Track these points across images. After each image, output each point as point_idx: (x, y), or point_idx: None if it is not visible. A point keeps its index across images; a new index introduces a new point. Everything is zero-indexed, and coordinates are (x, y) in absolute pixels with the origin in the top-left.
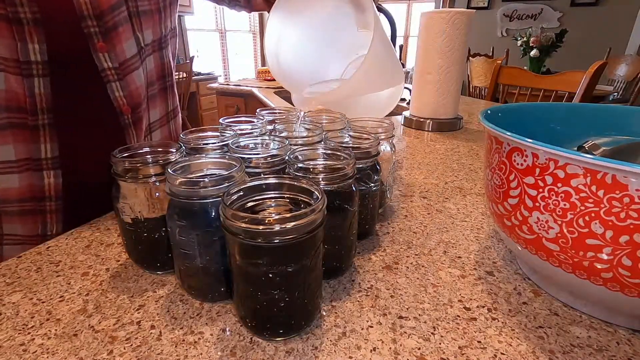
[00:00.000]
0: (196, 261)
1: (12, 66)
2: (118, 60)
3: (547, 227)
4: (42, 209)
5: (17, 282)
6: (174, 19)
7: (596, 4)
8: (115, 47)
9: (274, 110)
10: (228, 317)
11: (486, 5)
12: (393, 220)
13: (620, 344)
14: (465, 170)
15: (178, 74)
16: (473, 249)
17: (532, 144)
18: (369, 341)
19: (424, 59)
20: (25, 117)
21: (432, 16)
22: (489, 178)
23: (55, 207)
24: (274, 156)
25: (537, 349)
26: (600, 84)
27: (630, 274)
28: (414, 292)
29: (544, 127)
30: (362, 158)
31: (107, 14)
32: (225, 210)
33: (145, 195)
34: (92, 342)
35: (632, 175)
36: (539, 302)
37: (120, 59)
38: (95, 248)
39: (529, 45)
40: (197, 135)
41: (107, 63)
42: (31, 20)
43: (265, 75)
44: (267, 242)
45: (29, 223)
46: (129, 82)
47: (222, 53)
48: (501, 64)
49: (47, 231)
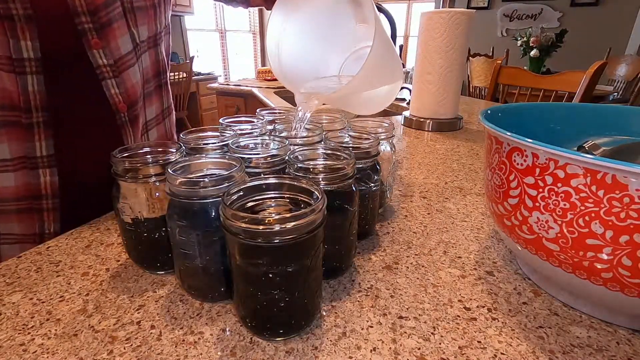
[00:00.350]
0: (196, 261)
1: (5, 63)
2: (113, 57)
3: (547, 227)
4: (38, 208)
5: (17, 282)
6: (168, 16)
7: (596, 4)
8: (110, 44)
9: (274, 110)
10: (228, 317)
11: (486, 5)
12: (393, 220)
13: (621, 344)
14: (465, 170)
15: (178, 73)
16: (473, 249)
17: (532, 144)
18: (369, 341)
19: (424, 59)
20: (19, 115)
21: (432, 16)
22: (489, 178)
23: (52, 205)
24: (274, 156)
25: (537, 349)
26: (600, 84)
27: (630, 274)
28: (414, 292)
29: (544, 127)
30: (362, 158)
31: (101, 9)
32: (225, 210)
33: (145, 195)
34: (92, 342)
35: (632, 175)
36: (539, 302)
37: (116, 55)
38: (95, 248)
39: (529, 45)
40: (197, 135)
41: (102, 60)
42: (23, 16)
43: (265, 75)
44: (267, 242)
45: (25, 222)
46: (124, 79)
47: (222, 53)
48: (501, 64)
49: (45, 230)
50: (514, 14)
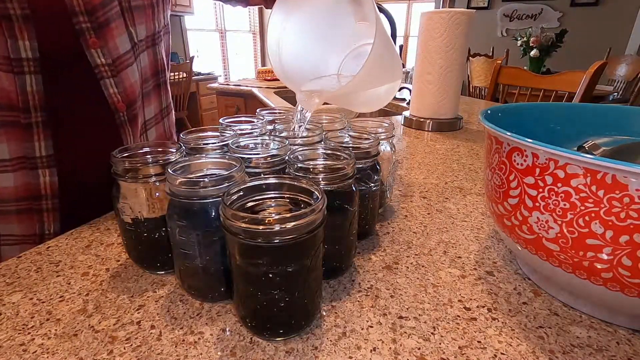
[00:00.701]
0: (196, 261)
1: (3, 63)
2: (111, 57)
3: (547, 227)
4: (38, 208)
5: (17, 282)
6: (167, 15)
7: (596, 4)
8: (108, 43)
9: (274, 110)
10: (228, 317)
11: (486, 5)
12: (393, 220)
13: (621, 344)
14: (465, 170)
15: (178, 73)
16: (473, 249)
17: (532, 144)
18: (369, 341)
19: (424, 59)
20: (18, 115)
21: (432, 16)
22: (489, 178)
23: (52, 205)
24: (274, 156)
25: (537, 349)
26: (600, 84)
27: (630, 274)
28: (414, 292)
29: (544, 127)
30: (362, 158)
31: (98, 9)
32: (225, 210)
33: (145, 195)
34: (92, 342)
35: (632, 175)
36: (539, 302)
37: (114, 55)
38: (95, 248)
39: (529, 45)
40: (197, 135)
41: (100, 59)
42: (20, 16)
43: (265, 75)
44: (267, 242)
45: (25, 222)
46: (123, 79)
47: (222, 53)
48: (501, 64)
49: (45, 230)
50: (514, 14)
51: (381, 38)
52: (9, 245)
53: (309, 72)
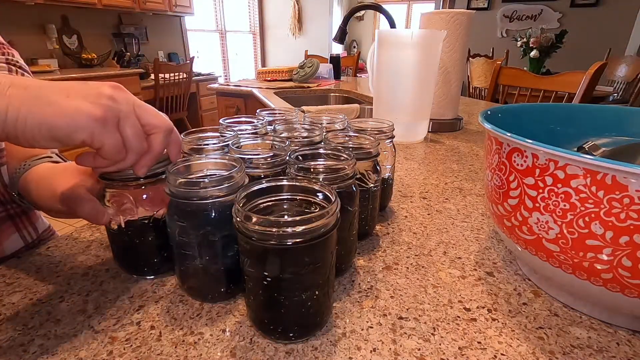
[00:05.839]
0: (196, 262)
1: None
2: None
3: (547, 227)
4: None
5: (17, 282)
6: None
7: (596, 4)
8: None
9: (274, 110)
10: (228, 318)
11: (486, 6)
12: (393, 221)
13: (620, 344)
14: (465, 170)
15: (178, 74)
16: (473, 250)
17: (532, 145)
18: (368, 342)
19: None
20: None
21: (432, 17)
22: (489, 179)
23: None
24: (274, 156)
25: (537, 350)
26: (600, 84)
27: (630, 275)
28: (414, 292)
29: (543, 127)
30: (362, 158)
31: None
32: (238, 212)
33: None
34: (92, 342)
35: (632, 176)
36: (539, 302)
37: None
38: (95, 248)
39: (529, 46)
40: (197, 135)
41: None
42: None
43: (265, 75)
44: (280, 244)
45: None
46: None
47: (222, 53)
48: (501, 64)
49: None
50: (514, 15)
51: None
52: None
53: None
